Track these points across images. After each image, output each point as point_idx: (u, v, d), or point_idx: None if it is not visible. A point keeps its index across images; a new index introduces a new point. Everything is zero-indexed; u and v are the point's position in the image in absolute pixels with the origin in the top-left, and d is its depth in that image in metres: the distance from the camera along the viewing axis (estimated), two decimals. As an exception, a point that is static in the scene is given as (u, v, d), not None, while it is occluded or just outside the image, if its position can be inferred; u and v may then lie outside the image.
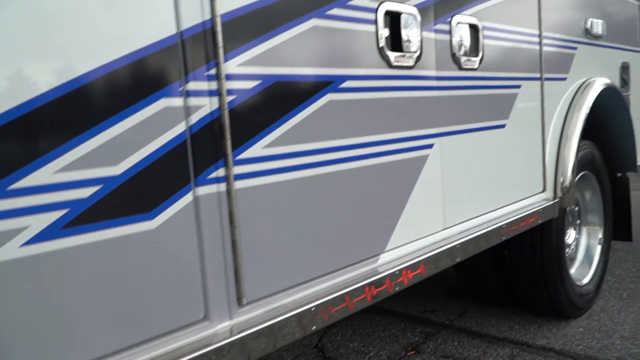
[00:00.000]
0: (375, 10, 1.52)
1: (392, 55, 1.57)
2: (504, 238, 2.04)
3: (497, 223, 2.01)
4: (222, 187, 1.16)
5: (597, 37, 2.85)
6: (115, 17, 1.00)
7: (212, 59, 1.14)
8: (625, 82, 3.24)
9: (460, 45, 1.85)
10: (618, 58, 3.18)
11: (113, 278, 0.99)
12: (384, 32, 1.55)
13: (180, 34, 1.08)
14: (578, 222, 3.06)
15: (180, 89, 1.08)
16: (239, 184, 1.19)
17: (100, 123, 0.97)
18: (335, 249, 1.43)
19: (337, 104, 1.41)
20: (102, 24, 0.97)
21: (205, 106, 1.13)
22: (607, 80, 2.87)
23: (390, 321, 2.99)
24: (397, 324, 2.95)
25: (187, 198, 1.10)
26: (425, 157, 1.72)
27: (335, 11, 1.40)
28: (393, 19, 1.58)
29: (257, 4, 1.22)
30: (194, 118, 1.11)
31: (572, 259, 3.00)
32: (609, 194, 3.15)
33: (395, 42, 1.59)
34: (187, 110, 1.10)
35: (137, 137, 1.02)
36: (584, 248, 3.06)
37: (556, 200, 2.42)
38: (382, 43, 1.54)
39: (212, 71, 1.14)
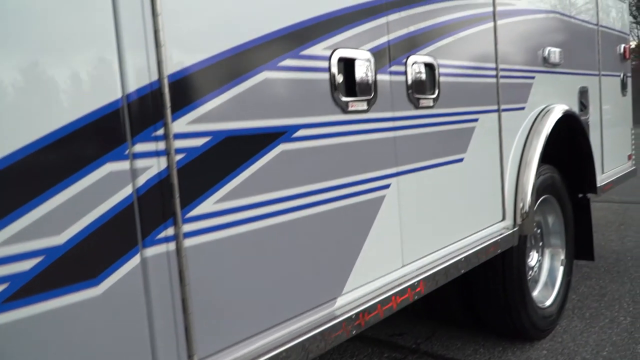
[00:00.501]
0: (329, 58, 1.55)
1: (346, 100, 1.59)
2: (463, 271, 2.07)
3: (456, 256, 2.04)
4: (172, 246, 1.17)
5: (554, 65, 2.93)
6: (57, 83, 1.00)
7: (159, 120, 1.15)
8: (584, 106, 3.34)
9: (416, 84, 1.89)
10: (577, 83, 3.27)
11: (58, 348, 0.99)
12: (338, 79, 1.58)
13: (126, 97, 1.09)
14: (541, 244, 3.12)
15: (126, 152, 1.09)
16: (189, 242, 1.20)
17: (42, 194, 0.97)
18: (289, 297, 1.45)
19: (290, 154, 1.43)
20: (44, 92, 0.98)
21: (153, 167, 1.14)
22: (566, 107, 2.95)
23: (359, 346, 3.01)
24: (364, 348, 2.97)
25: (135, 260, 1.10)
26: (382, 197, 1.75)
27: (287, 62, 1.42)
28: (347, 64, 1.61)
29: (206, 62, 1.24)
30: (141, 180, 1.11)
31: (536, 281, 3.06)
32: (571, 216, 3.22)
33: (350, 86, 1.62)
34: (134, 173, 1.10)
35: (81, 205, 1.02)
36: (547, 270, 3.12)
37: (515, 229, 2.47)
38: (336, 89, 1.56)
39: (160, 131, 1.15)
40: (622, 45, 4.06)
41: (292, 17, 1.45)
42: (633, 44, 44.28)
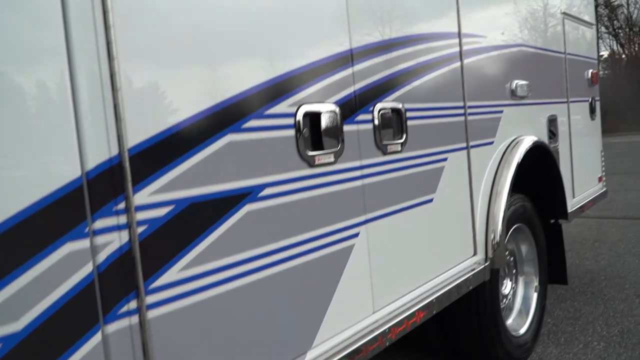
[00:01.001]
0: (294, 114, 1.56)
1: (312, 154, 1.61)
2: (435, 312, 2.09)
3: (428, 298, 2.06)
4: (135, 319, 1.16)
5: (522, 97, 2.99)
6: (14, 167, 0.99)
7: (120, 193, 1.15)
8: (553, 134, 3.40)
9: (384, 131, 1.91)
10: (545, 112, 3.34)
11: None
12: (304, 134, 1.59)
13: (86, 174, 1.09)
14: (514, 271, 3.17)
15: (86, 230, 1.09)
16: (152, 313, 1.20)
17: (-2, 282, 0.96)
18: (259, 355, 1.45)
19: (256, 214, 1.44)
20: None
21: (114, 242, 1.13)
22: (534, 138, 3.01)
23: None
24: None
25: (96, 338, 1.09)
26: (351, 246, 1.76)
27: (252, 123, 1.44)
28: (313, 118, 1.62)
29: (168, 131, 1.24)
30: (102, 256, 1.11)
31: (510, 309, 3.09)
32: (543, 243, 3.28)
33: (316, 140, 1.64)
34: (95, 250, 1.10)
35: (39, 289, 1.01)
36: (520, 297, 3.16)
37: (487, 264, 2.50)
38: (302, 145, 1.58)
39: (121, 205, 1.15)
40: (590, 71, 4.16)
41: (257, 77, 1.46)
42: (605, 54, 45.25)
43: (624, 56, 45.03)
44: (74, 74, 1.08)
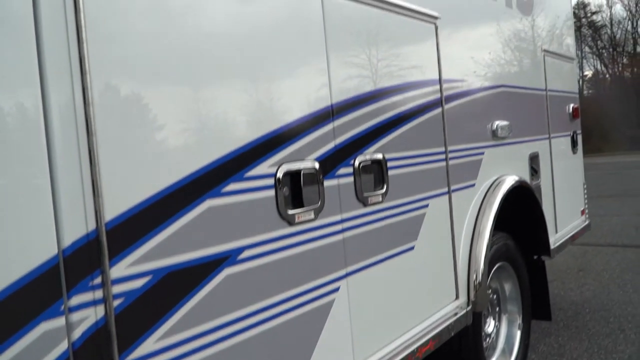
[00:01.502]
0: (275, 174, 1.58)
1: (292, 213, 1.62)
2: (416, 361, 2.10)
3: (408, 347, 2.07)
4: (110, 394, 1.16)
5: (504, 137, 3.03)
6: (-10, 250, 1.00)
7: (97, 268, 1.15)
8: (535, 171, 3.45)
9: (365, 183, 1.93)
10: (527, 150, 3.39)
11: None
12: (284, 193, 1.61)
13: (62, 251, 1.09)
14: (497, 310, 3.18)
15: (62, 307, 1.08)
16: (128, 387, 1.19)
17: (-31, 370, 0.95)
18: (237, 420, 1.44)
19: (235, 277, 1.44)
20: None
21: (90, 317, 1.13)
22: (516, 177, 3.05)
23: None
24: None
25: (70, 418, 1.09)
26: (332, 301, 1.77)
27: (231, 187, 1.45)
28: (293, 177, 1.64)
29: (145, 202, 1.25)
30: (77, 333, 1.11)
31: (493, 348, 3.10)
32: (526, 281, 3.30)
33: (296, 198, 1.65)
34: (70, 327, 1.10)
35: (12, 373, 1.00)
36: (504, 336, 3.17)
37: (469, 308, 2.52)
38: (281, 204, 1.59)
39: (97, 280, 1.15)
40: (571, 105, 4.24)
41: (237, 140, 1.48)
42: (590, 73, 45.80)
43: (607, 76, 45.90)
44: (52, 150, 1.08)
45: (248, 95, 1.54)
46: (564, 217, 3.88)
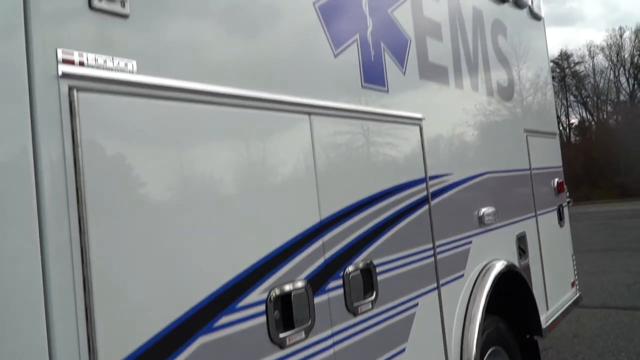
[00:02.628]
0: (265, 300, 1.61)
1: (283, 336, 1.65)
2: None
3: None
4: None
5: (490, 223, 3.10)
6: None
7: None
8: (523, 251, 3.51)
9: (355, 293, 1.97)
10: (514, 231, 3.45)
11: None
12: (275, 316, 1.64)
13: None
14: (492, 395, 3.16)
15: None
16: None
17: None
18: None
19: (226, 411, 1.45)
20: None
21: None
22: (504, 262, 3.10)
23: None
24: None
25: None
26: (323, 420, 1.77)
27: (223, 320, 1.48)
28: (284, 299, 1.68)
29: (137, 352, 1.27)
30: None
31: None
32: (519, 363, 3.30)
33: (287, 320, 1.68)
34: None
35: None
36: (499, 423, 3.14)
37: (462, 406, 2.51)
38: (272, 329, 1.62)
39: None
40: (556, 180, 4.34)
41: (228, 272, 1.52)
42: (575, 121, 46.77)
43: (593, 123, 46.91)
44: (50, 314, 1.13)
45: (240, 224, 1.59)
46: (555, 293, 3.92)
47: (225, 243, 1.54)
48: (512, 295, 3.35)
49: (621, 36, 45.29)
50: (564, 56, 46.53)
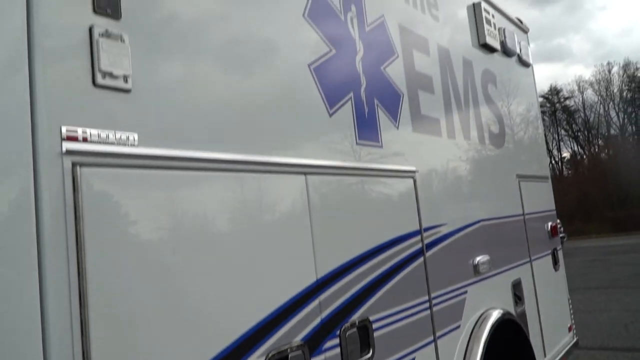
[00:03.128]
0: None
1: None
2: None
3: None
4: None
5: (485, 271, 3.12)
6: None
7: None
8: (519, 298, 3.51)
9: (351, 351, 1.97)
10: (509, 278, 3.47)
11: None
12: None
13: None
14: None
15: None
16: None
17: None
18: None
19: None
20: None
21: None
22: (500, 311, 3.11)
23: None
24: None
25: None
26: None
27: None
28: (280, 361, 1.68)
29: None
30: None
31: None
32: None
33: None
34: None
35: None
36: None
37: None
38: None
39: None
40: (549, 224, 4.38)
41: (225, 338, 1.52)
42: (568, 155, 47.22)
43: (585, 157, 47.40)
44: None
45: (238, 287, 1.61)
46: (552, 339, 3.90)
47: (223, 308, 1.55)
48: (509, 343, 3.33)
49: (609, 71, 46.27)
50: (554, 91, 47.39)
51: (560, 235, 4.69)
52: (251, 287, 1.65)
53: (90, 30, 1.34)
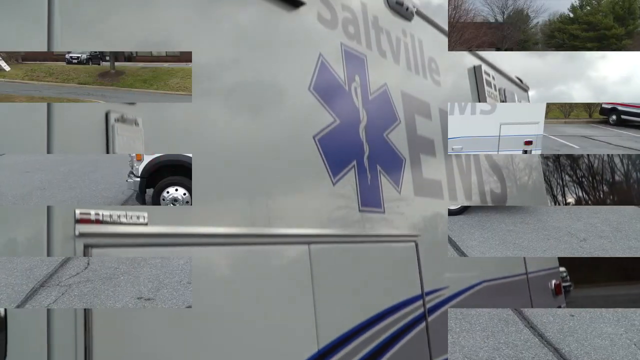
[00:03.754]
0: None
1: None
2: None
3: None
4: None
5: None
6: None
7: None
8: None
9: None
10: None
11: None
12: None
13: None
14: None
15: None
16: None
17: None
18: None
19: None
20: None
21: None
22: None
23: None
24: None
25: None
26: None
27: None
28: None
29: None
30: None
31: None
32: None
33: None
34: None
35: None
36: None
37: None
38: None
39: None
40: (553, 281, 4.36)
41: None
42: (572, 200, 47.20)
43: (589, 203, 47.33)
44: None
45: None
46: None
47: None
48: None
49: (612, 119, 46.60)
50: (558, 137, 47.77)
51: (567, 285, 4.64)
52: (255, 358, 1.67)
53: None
